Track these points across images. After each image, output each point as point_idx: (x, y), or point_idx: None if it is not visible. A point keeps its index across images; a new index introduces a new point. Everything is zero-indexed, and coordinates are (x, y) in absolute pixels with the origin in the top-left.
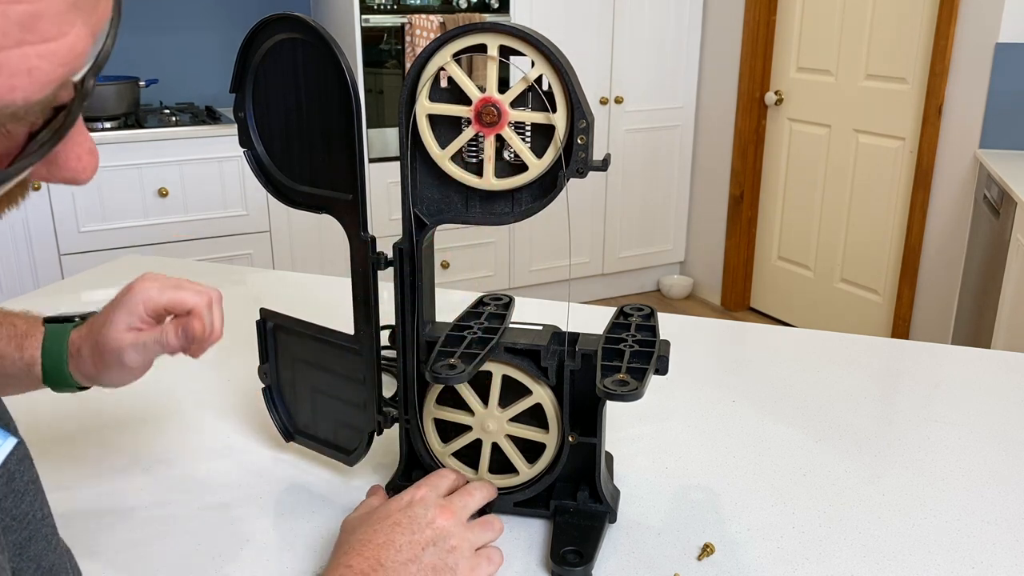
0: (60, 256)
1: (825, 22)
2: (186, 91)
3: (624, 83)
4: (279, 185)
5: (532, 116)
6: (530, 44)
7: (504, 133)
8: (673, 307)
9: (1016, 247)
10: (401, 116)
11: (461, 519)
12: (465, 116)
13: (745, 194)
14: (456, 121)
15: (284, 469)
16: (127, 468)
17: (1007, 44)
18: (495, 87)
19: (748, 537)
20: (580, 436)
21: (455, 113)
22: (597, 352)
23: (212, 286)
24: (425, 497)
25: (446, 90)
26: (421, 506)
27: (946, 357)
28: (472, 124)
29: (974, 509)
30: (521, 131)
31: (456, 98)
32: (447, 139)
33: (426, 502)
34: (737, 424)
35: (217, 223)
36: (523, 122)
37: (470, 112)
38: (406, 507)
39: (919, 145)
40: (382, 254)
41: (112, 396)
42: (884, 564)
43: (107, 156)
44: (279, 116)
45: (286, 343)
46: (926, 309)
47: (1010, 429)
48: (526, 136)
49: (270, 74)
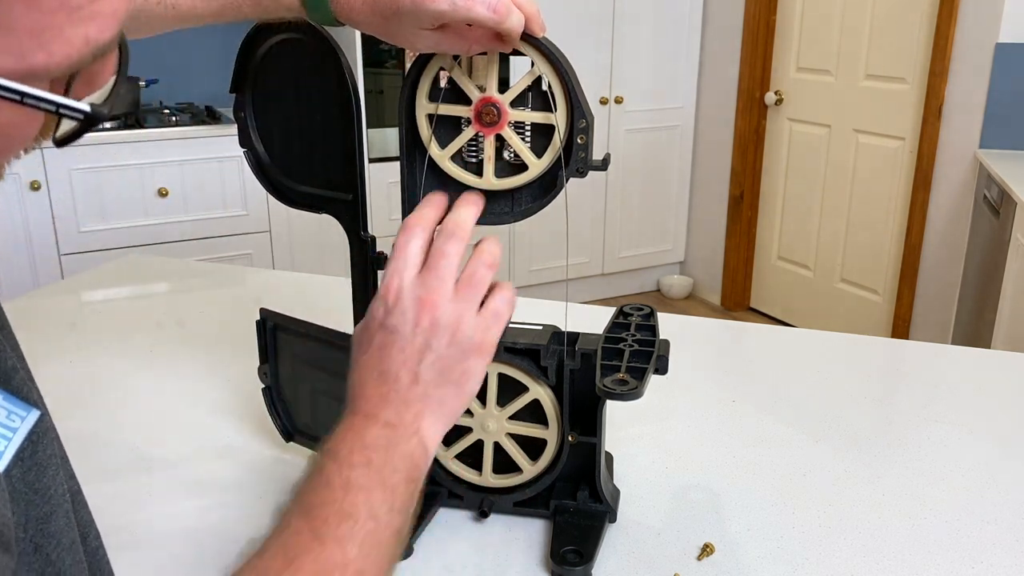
0: (60, 256)
1: (825, 22)
2: (186, 91)
3: (624, 83)
4: (279, 185)
5: (532, 116)
6: (530, 44)
7: (504, 133)
8: (673, 307)
9: (1016, 247)
10: (401, 116)
11: (446, 295)
12: (465, 116)
13: (745, 194)
14: (456, 121)
15: (284, 469)
16: (127, 468)
17: (1007, 44)
18: (495, 87)
19: (748, 537)
20: (580, 436)
21: (455, 113)
22: (597, 352)
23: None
24: (398, 292)
25: (446, 90)
26: (398, 312)
27: (946, 357)
28: (472, 124)
29: (974, 509)
30: (521, 131)
31: (456, 98)
32: (447, 139)
33: (401, 303)
34: (737, 424)
35: (217, 223)
36: (523, 122)
37: (470, 112)
38: (383, 320)
39: (919, 145)
40: (382, 254)
41: (112, 396)
42: (884, 564)
43: (107, 156)
44: (279, 116)
45: (286, 343)
46: (926, 309)
47: (1010, 429)
48: (526, 136)
49: (270, 74)
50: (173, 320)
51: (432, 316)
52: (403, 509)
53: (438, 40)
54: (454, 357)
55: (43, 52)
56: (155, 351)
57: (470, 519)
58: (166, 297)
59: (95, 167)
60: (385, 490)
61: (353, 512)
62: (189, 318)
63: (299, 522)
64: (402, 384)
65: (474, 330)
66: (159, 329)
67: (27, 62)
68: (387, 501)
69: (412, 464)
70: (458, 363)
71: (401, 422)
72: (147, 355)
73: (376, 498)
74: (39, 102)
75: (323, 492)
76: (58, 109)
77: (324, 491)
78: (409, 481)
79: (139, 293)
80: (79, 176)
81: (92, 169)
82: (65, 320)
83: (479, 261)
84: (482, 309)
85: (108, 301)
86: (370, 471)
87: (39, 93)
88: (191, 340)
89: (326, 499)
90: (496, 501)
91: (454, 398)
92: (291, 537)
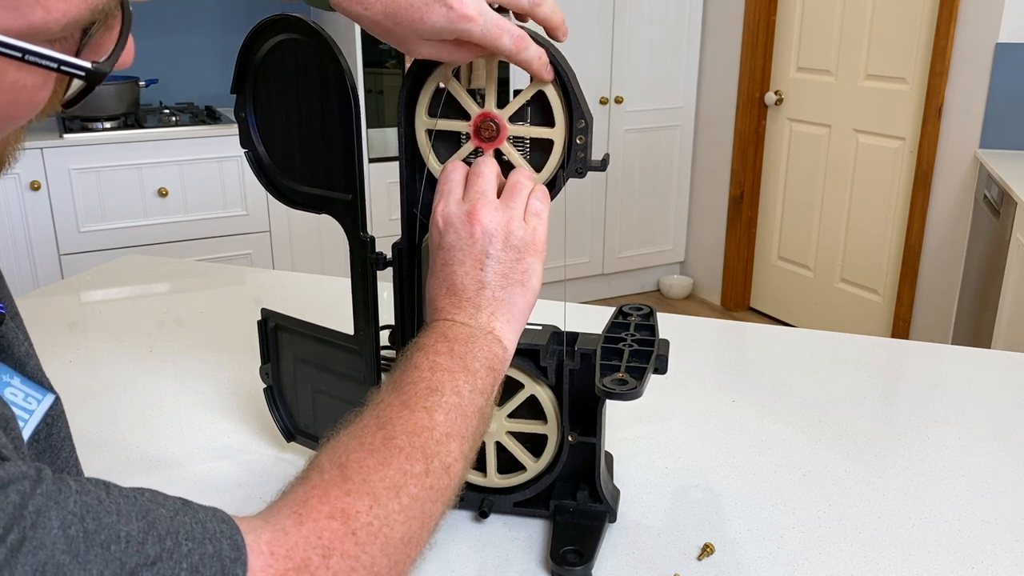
0: (60, 256)
1: (825, 22)
2: (186, 91)
3: (624, 83)
4: (279, 185)
5: (531, 131)
6: None
7: (503, 148)
8: (673, 307)
9: (1016, 247)
10: (400, 130)
11: (490, 205)
12: (464, 131)
13: (745, 194)
14: (456, 135)
15: (285, 469)
16: (127, 468)
17: (1007, 44)
18: (494, 102)
19: (748, 537)
20: (580, 436)
21: (454, 128)
22: (596, 351)
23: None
24: (446, 215)
25: (444, 102)
26: (451, 231)
27: (946, 357)
28: (471, 139)
29: (974, 509)
30: (521, 146)
31: (455, 112)
32: (447, 152)
33: (451, 222)
34: (737, 424)
35: (217, 223)
36: (522, 136)
37: (469, 127)
38: (440, 242)
39: (919, 145)
40: (381, 254)
41: (112, 396)
42: (884, 564)
43: (107, 156)
44: (280, 116)
45: (287, 343)
46: (926, 309)
47: (1010, 429)
48: (526, 151)
49: (271, 75)
50: (173, 320)
51: (482, 225)
52: (485, 391)
53: (438, 50)
54: (511, 258)
55: (41, 9)
56: (155, 351)
57: (470, 519)
58: (166, 297)
59: (95, 167)
60: (468, 373)
61: (439, 387)
62: (189, 318)
63: (390, 396)
64: (469, 291)
65: (524, 231)
66: (159, 329)
67: (26, 19)
68: (469, 382)
69: (491, 355)
70: (516, 263)
71: (476, 323)
72: (147, 355)
73: (459, 379)
74: (40, 59)
75: (412, 373)
76: (60, 67)
77: (413, 372)
78: (490, 370)
79: (139, 293)
80: (79, 176)
81: (92, 169)
82: (65, 320)
83: (518, 173)
84: (526, 212)
85: (108, 301)
86: (453, 357)
87: (40, 50)
88: (191, 340)
89: (415, 378)
90: (496, 501)
91: (520, 297)
92: (383, 408)
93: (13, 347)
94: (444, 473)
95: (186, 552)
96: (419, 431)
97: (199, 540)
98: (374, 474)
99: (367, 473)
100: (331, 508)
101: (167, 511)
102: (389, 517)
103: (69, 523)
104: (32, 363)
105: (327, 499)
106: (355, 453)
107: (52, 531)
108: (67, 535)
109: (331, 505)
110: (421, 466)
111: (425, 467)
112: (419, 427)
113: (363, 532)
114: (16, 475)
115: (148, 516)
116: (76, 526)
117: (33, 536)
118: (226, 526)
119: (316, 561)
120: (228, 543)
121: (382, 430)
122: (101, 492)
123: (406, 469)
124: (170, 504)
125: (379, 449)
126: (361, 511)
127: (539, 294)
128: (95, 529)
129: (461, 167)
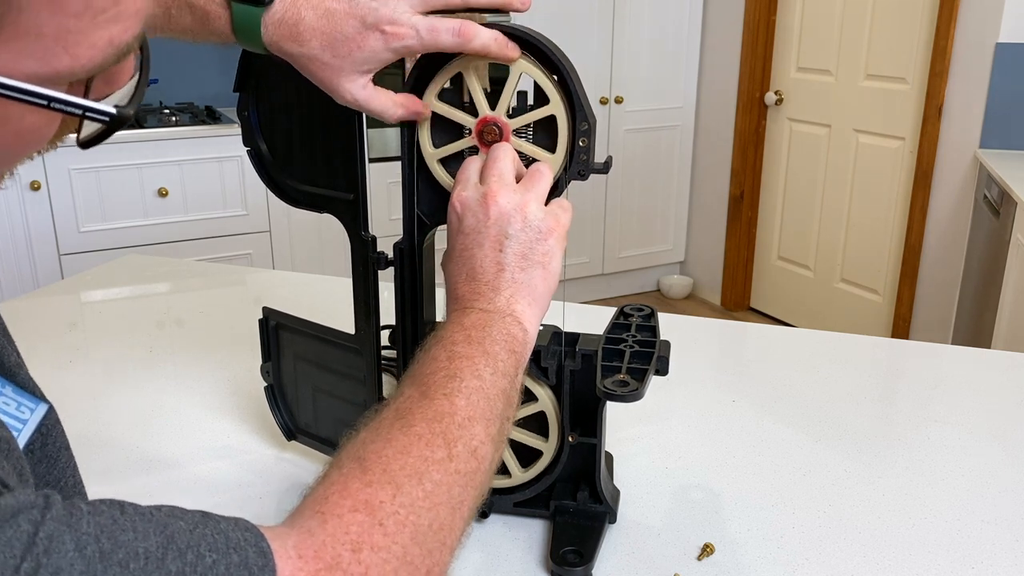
0: (60, 256)
1: (825, 22)
2: (186, 91)
3: (624, 83)
4: (282, 184)
5: (531, 116)
6: (531, 45)
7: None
8: (673, 307)
9: (1016, 247)
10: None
11: (507, 187)
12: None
13: (745, 194)
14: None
15: (286, 468)
16: (127, 468)
17: (1007, 44)
18: (505, 111)
19: (748, 537)
20: (580, 436)
21: (459, 120)
22: (597, 352)
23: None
24: (464, 201)
25: (447, 90)
26: (469, 215)
27: (946, 357)
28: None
29: (974, 509)
30: (525, 135)
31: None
32: (445, 139)
33: (469, 207)
34: (737, 424)
35: (217, 223)
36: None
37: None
38: (459, 227)
39: (919, 145)
40: (382, 254)
41: (112, 396)
42: (884, 564)
43: (107, 156)
44: (281, 116)
45: (288, 342)
46: (926, 309)
47: (1010, 429)
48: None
49: (272, 74)
50: (173, 320)
51: (498, 206)
52: (508, 373)
53: (369, 94)
54: (531, 239)
55: (68, 56)
56: (155, 351)
57: None
58: (166, 297)
59: (95, 167)
60: (488, 356)
61: (458, 374)
62: (189, 318)
63: (409, 389)
64: (488, 274)
65: (545, 214)
66: (159, 329)
67: (52, 66)
68: (490, 365)
69: (511, 337)
70: (537, 243)
71: (495, 307)
72: (147, 355)
73: (479, 363)
74: (66, 106)
75: (430, 364)
76: (84, 113)
77: (430, 363)
78: (511, 352)
79: (139, 293)
80: (79, 176)
81: (92, 169)
82: (65, 320)
83: (539, 164)
84: (548, 204)
85: (108, 301)
86: (470, 344)
87: (66, 97)
88: (191, 340)
89: (433, 368)
90: (496, 501)
91: (541, 280)
92: (402, 401)
93: (2, 357)
94: (471, 456)
95: (211, 564)
96: (439, 417)
97: (223, 551)
98: (394, 463)
99: (386, 463)
100: (353, 501)
101: (186, 524)
102: (415, 504)
103: (84, 544)
104: (23, 373)
105: (348, 493)
106: (373, 444)
107: (68, 554)
108: (84, 555)
109: (353, 498)
110: (443, 451)
111: (447, 452)
112: (439, 413)
113: (390, 522)
114: (24, 504)
115: (166, 531)
116: (92, 546)
117: (48, 562)
118: (250, 534)
119: (347, 557)
120: (254, 551)
121: (400, 420)
122: (115, 511)
123: (427, 455)
124: (189, 517)
125: (397, 438)
126: (385, 500)
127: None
128: (111, 548)
129: (478, 159)
